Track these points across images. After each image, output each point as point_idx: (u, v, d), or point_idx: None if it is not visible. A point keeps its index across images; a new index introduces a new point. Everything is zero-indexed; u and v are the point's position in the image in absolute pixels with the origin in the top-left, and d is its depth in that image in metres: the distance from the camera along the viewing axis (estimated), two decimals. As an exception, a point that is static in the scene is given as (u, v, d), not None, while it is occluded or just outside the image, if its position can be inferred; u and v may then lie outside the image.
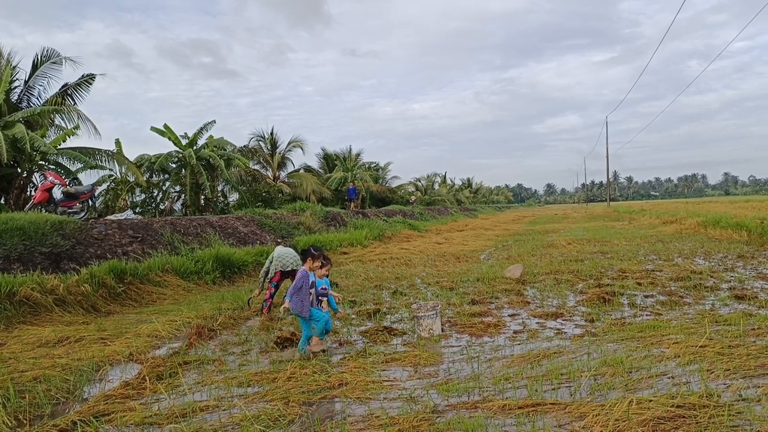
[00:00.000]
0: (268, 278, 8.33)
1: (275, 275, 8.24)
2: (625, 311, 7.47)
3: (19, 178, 16.05)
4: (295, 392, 4.70)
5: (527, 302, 8.42)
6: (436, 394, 4.54)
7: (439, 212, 43.91)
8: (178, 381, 5.21)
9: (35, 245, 10.07)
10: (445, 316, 7.56)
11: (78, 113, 17.30)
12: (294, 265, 8.37)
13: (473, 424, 3.78)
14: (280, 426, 4.04)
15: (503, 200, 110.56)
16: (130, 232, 12.75)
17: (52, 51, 17.57)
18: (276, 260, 8.33)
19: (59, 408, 4.75)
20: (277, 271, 8.24)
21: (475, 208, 64.34)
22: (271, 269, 8.29)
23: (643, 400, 3.90)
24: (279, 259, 8.34)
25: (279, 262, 8.31)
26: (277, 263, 8.29)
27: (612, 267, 11.57)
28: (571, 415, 3.87)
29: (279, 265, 8.28)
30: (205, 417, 4.30)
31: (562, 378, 4.69)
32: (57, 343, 6.84)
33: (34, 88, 17.73)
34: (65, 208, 13.38)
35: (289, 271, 8.36)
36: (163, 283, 10.75)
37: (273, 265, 8.29)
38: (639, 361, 4.91)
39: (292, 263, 8.37)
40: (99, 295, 9.24)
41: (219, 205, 25.77)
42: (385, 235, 22.90)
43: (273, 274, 8.25)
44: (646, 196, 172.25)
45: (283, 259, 8.35)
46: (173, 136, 24.96)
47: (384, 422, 3.93)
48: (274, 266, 8.27)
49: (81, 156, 17.46)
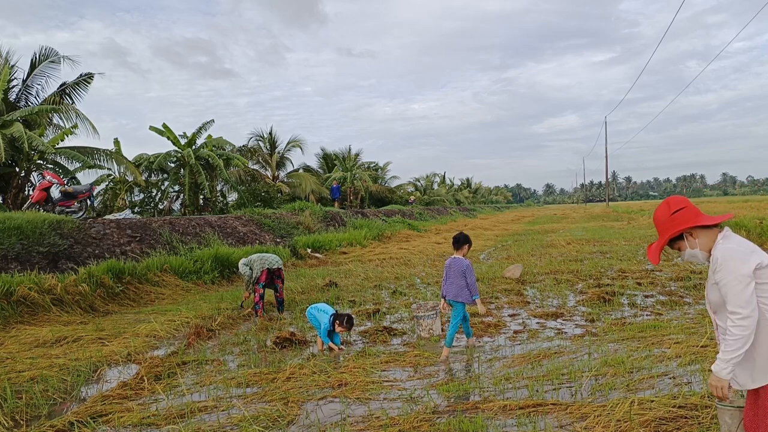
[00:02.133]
0: (253, 279, 8.34)
1: (262, 275, 8.26)
2: (625, 311, 7.45)
3: (17, 177, 15.99)
4: (294, 393, 4.67)
5: (527, 302, 8.40)
6: (437, 394, 4.52)
7: (438, 212, 43.88)
8: (177, 381, 5.18)
9: (33, 245, 10.03)
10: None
11: (76, 112, 17.22)
12: (278, 263, 8.41)
13: (474, 424, 3.75)
14: (279, 426, 4.01)
15: (502, 200, 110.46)
16: (129, 232, 12.70)
17: (50, 50, 17.50)
18: (258, 262, 8.38)
19: (56, 408, 4.71)
20: (263, 270, 8.26)
21: (474, 208, 64.28)
22: (255, 270, 8.31)
23: (644, 401, 3.87)
24: (261, 260, 8.41)
25: (263, 261, 8.36)
26: (263, 262, 8.35)
27: (612, 267, 11.55)
28: (572, 415, 3.84)
29: (265, 263, 8.32)
30: (203, 418, 4.26)
31: (562, 378, 4.67)
32: (54, 343, 6.80)
33: (33, 87, 17.66)
34: (63, 207, 13.32)
35: (275, 269, 8.37)
36: (161, 282, 10.71)
37: (257, 267, 8.33)
38: (640, 362, 4.88)
39: (276, 262, 8.43)
40: (97, 294, 9.20)
41: (218, 204, 25.72)
42: (384, 235, 22.87)
43: (259, 273, 8.27)
44: (645, 196, 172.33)
45: (267, 258, 8.43)
46: (172, 136, 24.89)
47: (384, 423, 3.90)
48: (259, 266, 8.31)
49: (79, 155, 17.39)
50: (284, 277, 8.89)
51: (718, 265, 2.43)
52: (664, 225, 2.61)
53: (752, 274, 2.34)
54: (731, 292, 2.37)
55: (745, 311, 2.33)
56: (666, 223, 2.60)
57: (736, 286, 2.34)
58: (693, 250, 2.58)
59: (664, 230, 2.61)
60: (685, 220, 2.55)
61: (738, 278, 2.35)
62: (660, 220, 2.64)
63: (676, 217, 2.57)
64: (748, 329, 2.33)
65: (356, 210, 30.16)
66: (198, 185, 23.82)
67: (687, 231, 2.58)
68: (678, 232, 2.58)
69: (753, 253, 2.40)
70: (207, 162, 24.34)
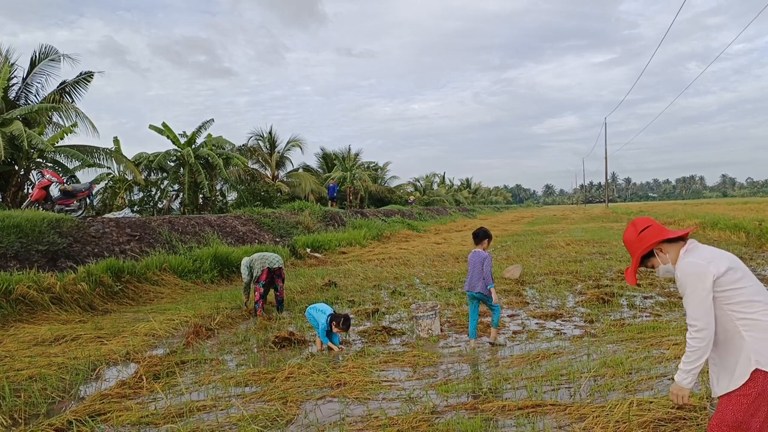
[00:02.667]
0: (254, 278, 8.33)
1: (262, 274, 8.24)
2: (624, 312, 7.45)
3: (17, 176, 15.99)
4: (293, 392, 4.67)
5: (526, 303, 8.40)
6: (435, 394, 4.51)
7: (438, 212, 43.89)
8: (175, 380, 5.18)
9: (32, 243, 10.02)
10: (444, 316, 7.54)
11: (76, 111, 17.22)
12: (279, 263, 8.40)
13: (472, 425, 3.75)
14: (278, 426, 4.01)
15: (502, 201, 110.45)
16: (128, 231, 12.70)
17: (50, 48, 17.49)
18: (258, 261, 8.36)
19: (55, 407, 4.71)
20: (264, 269, 8.24)
21: (473, 208, 64.28)
22: (256, 269, 8.29)
23: (643, 402, 3.87)
24: (262, 258, 8.39)
25: (264, 260, 8.33)
26: (263, 261, 8.31)
27: (611, 268, 11.55)
28: (571, 416, 3.84)
29: (266, 263, 8.29)
30: (202, 417, 4.26)
31: (561, 379, 4.67)
32: (53, 341, 6.80)
33: (32, 85, 17.65)
34: (62, 205, 13.32)
35: (276, 269, 8.36)
36: (160, 281, 10.70)
37: (257, 266, 8.31)
38: (639, 363, 4.88)
39: (277, 261, 8.40)
40: (96, 293, 9.19)
41: (217, 204, 25.72)
42: (383, 234, 22.88)
43: (260, 272, 8.25)
44: (644, 198, 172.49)
45: (268, 257, 8.39)
46: (172, 135, 24.88)
47: (383, 423, 3.90)
48: (259, 266, 8.29)
49: (79, 154, 17.39)
50: (285, 277, 8.89)
51: (678, 279, 2.52)
52: (633, 245, 2.72)
53: (710, 287, 2.39)
54: (690, 305, 2.45)
55: (700, 323, 2.40)
56: (635, 243, 2.71)
57: (693, 300, 2.42)
58: (666, 265, 2.67)
59: (635, 250, 2.72)
60: (651, 237, 2.65)
61: (695, 292, 2.42)
62: (629, 240, 2.75)
63: (643, 236, 2.68)
64: (704, 341, 2.40)
65: (356, 210, 30.16)
66: (197, 184, 23.81)
67: (656, 247, 2.66)
68: (647, 249, 2.67)
69: (710, 263, 2.44)
70: (206, 161, 24.33)
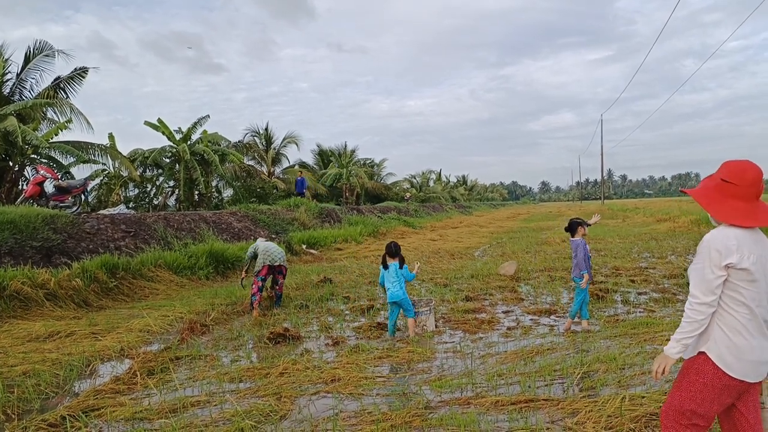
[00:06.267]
0: (255, 270, 8.26)
1: (262, 269, 8.18)
2: (618, 308, 7.48)
3: (11, 172, 15.90)
4: (287, 388, 4.67)
5: (521, 299, 8.43)
6: (429, 390, 4.53)
7: (434, 209, 43.90)
8: (170, 376, 5.18)
9: (26, 239, 9.98)
10: (439, 312, 7.55)
11: (71, 107, 17.10)
12: (281, 260, 8.34)
13: (466, 420, 3.76)
14: (271, 421, 4.02)
15: (498, 198, 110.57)
16: (123, 227, 12.66)
17: (44, 43, 17.36)
18: (263, 254, 8.27)
19: (48, 403, 4.70)
20: (264, 265, 8.19)
21: (469, 205, 64.30)
22: (259, 262, 8.23)
23: (635, 397, 3.90)
24: (266, 253, 8.29)
25: (267, 256, 8.25)
26: (266, 257, 8.23)
27: (606, 264, 11.59)
28: (563, 411, 3.86)
29: (267, 259, 8.22)
30: (196, 412, 4.26)
31: (555, 374, 4.69)
32: (47, 337, 6.78)
33: (27, 81, 17.51)
34: (57, 202, 13.27)
35: (277, 266, 8.32)
36: (155, 278, 10.68)
37: (260, 258, 8.23)
38: (632, 358, 4.91)
39: (279, 258, 8.33)
40: (91, 289, 9.16)
41: (213, 200, 25.64)
42: (379, 231, 22.89)
43: (260, 267, 8.18)
44: (640, 194, 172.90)
45: (271, 253, 8.31)
46: (167, 131, 24.78)
47: (376, 418, 3.91)
48: (262, 259, 8.20)
49: (73, 150, 17.29)
50: (286, 273, 8.82)
51: (701, 245, 2.44)
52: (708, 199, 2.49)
53: (724, 267, 2.36)
54: (699, 275, 2.40)
55: (705, 298, 2.37)
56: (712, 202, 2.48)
57: (708, 274, 2.37)
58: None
59: (708, 203, 2.49)
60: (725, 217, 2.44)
61: (705, 268, 2.38)
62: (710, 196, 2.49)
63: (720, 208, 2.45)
64: (703, 314, 2.38)
65: (352, 206, 30.14)
66: (193, 181, 23.74)
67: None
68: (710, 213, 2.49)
69: (738, 250, 2.35)
70: (202, 157, 24.25)
